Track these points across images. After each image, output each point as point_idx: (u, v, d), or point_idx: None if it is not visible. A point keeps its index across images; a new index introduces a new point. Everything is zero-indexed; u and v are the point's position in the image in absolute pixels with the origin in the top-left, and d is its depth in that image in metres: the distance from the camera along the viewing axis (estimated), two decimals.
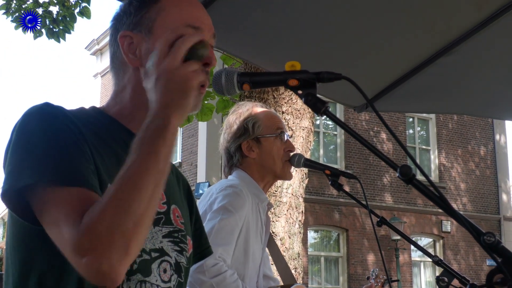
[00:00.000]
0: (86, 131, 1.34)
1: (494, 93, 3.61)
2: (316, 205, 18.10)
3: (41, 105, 1.34)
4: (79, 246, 1.13)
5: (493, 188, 22.08)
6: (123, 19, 1.49)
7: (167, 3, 1.47)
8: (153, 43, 1.42)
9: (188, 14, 1.46)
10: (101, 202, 1.17)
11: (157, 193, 1.20)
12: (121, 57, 1.48)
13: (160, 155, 1.20)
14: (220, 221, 2.37)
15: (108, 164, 1.37)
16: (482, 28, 2.95)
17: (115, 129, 1.47)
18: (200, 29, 1.46)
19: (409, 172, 1.26)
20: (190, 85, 1.25)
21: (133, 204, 1.15)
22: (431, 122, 21.49)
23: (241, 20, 2.89)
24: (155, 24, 1.45)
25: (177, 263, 1.49)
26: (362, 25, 2.99)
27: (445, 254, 20.49)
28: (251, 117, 2.64)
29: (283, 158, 2.64)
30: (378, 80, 3.40)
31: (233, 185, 2.51)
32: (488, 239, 1.20)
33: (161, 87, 1.24)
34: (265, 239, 2.66)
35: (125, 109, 1.49)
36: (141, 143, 1.21)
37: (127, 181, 1.17)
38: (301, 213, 5.67)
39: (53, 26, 9.44)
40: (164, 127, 1.22)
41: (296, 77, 1.37)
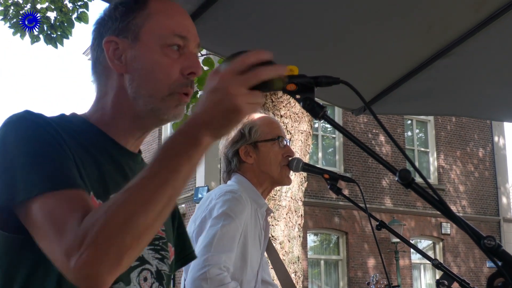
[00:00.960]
0: (67, 139, 1.32)
1: (492, 94, 3.62)
2: (315, 208, 18.10)
3: (21, 113, 1.31)
4: (73, 248, 1.10)
5: (492, 189, 22.09)
6: (108, 24, 1.46)
7: (154, 10, 1.45)
8: (139, 50, 1.41)
9: (176, 22, 1.45)
10: (106, 207, 1.13)
11: (166, 211, 1.17)
12: (105, 62, 1.45)
13: (181, 174, 1.15)
14: (222, 227, 2.35)
15: (89, 172, 1.34)
16: (479, 30, 2.95)
17: (96, 137, 1.44)
18: (187, 39, 1.45)
19: (408, 176, 1.26)
20: (240, 117, 1.17)
21: (139, 218, 1.12)
22: (430, 124, 21.51)
23: (239, 24, 2.89)
24: (142, 31, 1.42)
25: (158, 271, 1.47)
26: (359, 28, 2.99)
27: (445, 256, 20.49)
28: (248, 123, 2.63)
29: (281, 163, 2.63)
30: (376, 82, 3.40)
31: (232, 190, 2.49)
32: (488, 243, 1.19)
33: (211, 103, 1.16)
34: (264, 244, 2.65)
35: (106, 116, 1.46)
36: (165, 155, 1.16)
37: (139, 193, 1.13)
38: (301, 217, 5.67)
39: (51, 32, 9.45)
40: (195, 145, 1.16)
41: (294, 82, 1.36)
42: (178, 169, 1.14)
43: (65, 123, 1.39)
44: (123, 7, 1.46)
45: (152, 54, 1.41)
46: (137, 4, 1.46)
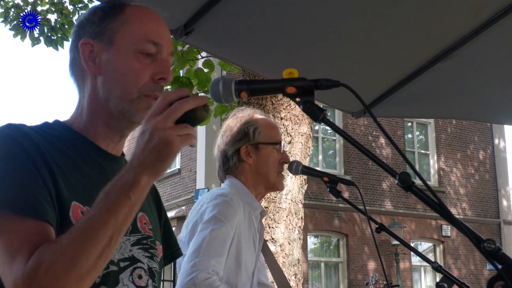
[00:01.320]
0: (48, 149, 1.35)
1: (492, 97, 3.62)
2: (315, 210, 18.09)
3: (2, 128, 1.35)
4: (21, 284, 1.15)
5: (492, 192, 22.07)
6: (86, 27, 1.51)
7: (130, 16, 1.49)
8: (113, 53, 1.46)
9: (150, 29, 1.49)
10: (51, 248, 1.17)
11: (110, 250, 1.21)
12: (80, 64, 1.49)
13: (120, 214, 1.19)
14: (212, 231, 2.33)
15: (72, 180, 1.37)
16: (479, 33, 2.96)
17: (79, 143, 1.47)
18: (161, 45, 1.49)
19: (408, 179, 1.26)
20: (172, 150, 1.21)
21: (81, 259, 1.16)
22: (430, 127, 21.51)
23: (239, 27, 2.90)
24: (116, 35, 1.47)
25: (149, 269, 1.51)
26: (360, 31, 3.00)
27: (445, 258, 20.47)
28: (253, 123, 2.63)
29: (277, 168, 2.64)
30: (376, 85, 3.41)
31: (223, 193, 2.48)
32: (488, 246, 1.19)
33: (142, 144, 1.21)
34: (259, 246, 2.64)
35: (84, 118, 1.50)
36: (105, 197, 1.20)
37: (80, 234, 1.18)
38: (301, 219, 5.67)
39: (51, 34, 9.46)
40: (132, 186, 1.20)
41: (294, 85, 1.36)
42: (117, 210, 1.19)
43: (48, 131, 1.44)
44: (101, 11, 1.51)
45: (125, 58, 1.46)
46: (114, 9, 1.51)
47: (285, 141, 5.66)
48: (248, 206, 2.58)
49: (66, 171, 1.37)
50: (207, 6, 2.64)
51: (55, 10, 9.56)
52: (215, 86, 1.41)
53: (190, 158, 18.41)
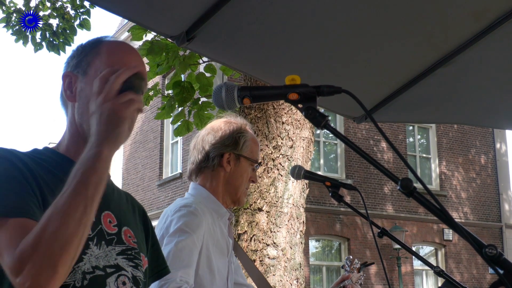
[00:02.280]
0: (37, 169, 1.51)
1: (493, 102, 3.63)
2: (317, 214, 18.08)
3: None
4: (14, 268, 1.29)
5: (494, 196, 22.05)
6: (70, 62, 1.68)
7: (102, 49, 1.65)
8: (85, 82, 1.61)
9: (117, 58, 1.62)
10: (34, 230, 1.30)
11: (86, 217, 1.33)
12: (64, 95, 1.67)
13: (89, 184, 1.34)
14: (177, 243, 2.32)
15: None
16: (480, 38, 2.96)
17: (66, 165, 1.55)
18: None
19: (410, 185, 1.27)
20: (120, 117, 1.39)
21: (60, 229, 1.28)
22: (431, 131, 21.51)
23: (241, 34, 2.90)
24: (89, 67, 1.63)
25: (134, 277, 1.63)
26: (361, 37, 3.01)
27: (447, 262, 20.45)
28: (243, 133, 2.63)
29: (247, 185, 2.67)
30: (378, 90, 3.41)
31: (187, 204, 2.46)
32: (490, 251, 1.20)
33: (95, 121, 1.39)
34: (231, 250, 2.63)
35: (68, 142, 1.65)
36: (74, 173, 1.35)
37: (56, 208, 1.31)
38: (302, 223, 5.67)
39: (53, 39, 9.48)
40: (95, 157, 1.36)
41: (296, 91, 1.38)
42: (86, 181, 1.34)
43: (37, 155, 1.59)
44: (82, 48, 1.69)
45: (92, 85, 1.56)
46: (91, 45, 1.68)
47: (287, 145, 5.67)
48: (215, 213, 2.57)
49: (54, 189, 1.47)
50: (209, 13, 2.66)
51: (57, 15, 9.57)
52: (218, 92, 1.42)
53: None
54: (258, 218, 5.46)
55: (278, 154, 5.63)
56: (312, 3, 2.75)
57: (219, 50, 2.95)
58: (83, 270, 1.50)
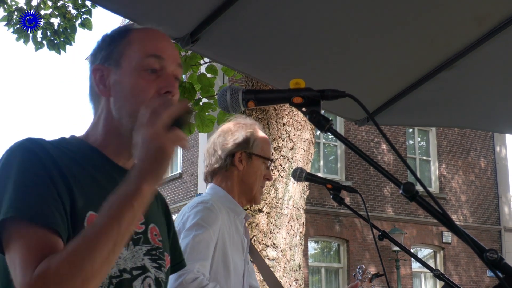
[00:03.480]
0: (65, 162, 1.43)
1: (494, 106, 3.63)
2: (316, 216, 18.08)
3: (22, 141, 1.43)
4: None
5: (493, 199, 22.05)
6: (97, 54, 1.61)
7: (133, 37, 1.59)
8: (119, 75, 1.55)
9: (152, 46, 1.57)
10: (57, 256, 1.23)
11: (113, 255, 1.27)
12: (96, 89, 1.60)
13: (123, 221, 1.26)
14: (194, 237, 2.37)
15: (88, 192, 1.44)
16: (481, 43, 2.98)
17: (95, 157, 1.55)
18: (163, 58, 1.56)
19: (413, 189, 1.28)
20: (166, 155, 1.30)
21: (86, 264, 1.21)
22: (432, 133, 21.51)
23: (245, 36, 2.92)
24: (122, 57, 1.56)
25: (156, 279, 1.57)
26: (364, 40, 3.02)
27: (445, 265, 20.44)
28: (253, 133, 2.69)
29: (261, 183, 2.70)
30: (380, 94, 3.42)
31: (203, 201, 2.53)
32: (490, 256, 1.21)
33: (140, 155, 1.30)
34: (246, 249, 2.67)
35: (100, 137, 1.58)
36: (109, 206, 1.27)
37: (85, 241, 1.24)
38: (302, 225, 5.68)
39: (54, 38, 9.48)
40: (134, 195, 1.27)
41: (301, 95, 1.38)
42: (120, 217, 1.26)
43: (65, 145, 1.52)
44: (109, 38, 1.62)
45: (130, 77, 1.54)
46: (120, 34, 1.61)
47: (287, 147, 5.68)
48: (232, 211, 2.62)
49: (82, 183, 1.43)
50: (214, 15, 2.67)
51: (58, 14, 9.57)
52: (223, 95, 1.43)
53: (191, 163, 18.42)
54: (258, 219, 5.47)
55: (279, 156, 5.64)
56: (315, 6, 2.76)
57: (223, 52, 2.97)
58: (110, 275, 1.44)
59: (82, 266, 1.21)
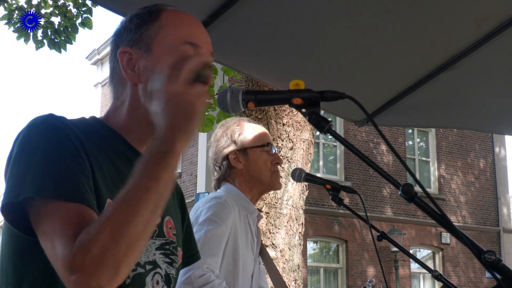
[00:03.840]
0: (88, 143, 1.36)
1: (493, 108, 3.64)
2: (315, 216, 18.08)
3: (45, 116, 1.36)
4: (71, 263, 1.14)
5: (492, 200, 22.06)
6: (123, 35, 1.51)
7: (166, 21, 1.49)
8: (151, 60, 1.45)
9: (187, 32, 1.48)
10: (98, 222, 1.18)
11: (154, 217, 1.22)
12: (121, 72, 1.50)
13: (161, 181, 1.21)
14: (206, 232, 2.39)
15: (107, 175, 1.39)
16: (481, 44, 2.99)
17: (115, 140, 1.48)
18: (198, 46, 1.48)
19: (412, 190, 1.28)
20: (196, 109, 1.25)
21: (129, 228, 1.16)
22: (431, 134, 21.52)
23: (246, 37, 2.92)
24: (154, 42, 1.47)
25: (167, 275, 1.52)
26: (364, 41, 3.03)
27: (444, 266, 20.45)
28: (238, 129, 2.68)
29: (271, 169, 2.68)
30: (379, 95, 3.43)
31: (217, 196, 2.54)
32: (489, 257, 1.22)
33: (167, 112, 1.24)
34: (257, 250, 2.68)
35: (123, 123, 1.50)
36: (144, 167, 1.22)
37: (125, 204, 1.18)
38: (301, 225, 5.68)
39: (55, 37, 9.48)
40: (168, 153, 1.23)
41: (301, 96, 1.39)
42: (158, 176, 1.21)
43: (85, 126, 1.43)
44: (138, 19, 1.51)
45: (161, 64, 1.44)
46: (150, 16, 1.50)
47: (287, 147, 5.68)
48: (244, 209, 2.63)
49: (103, 167, 1.38)
50: (214, 16, 2.67)
51: (58, 13, 9.57)
52: (223, 96, 1.44)
53: (191, 162, 18.43)
54: None
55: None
56: (315, 8, 2.77)
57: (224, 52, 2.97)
58: None
59: (126, 230, 1.16)
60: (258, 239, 2.70)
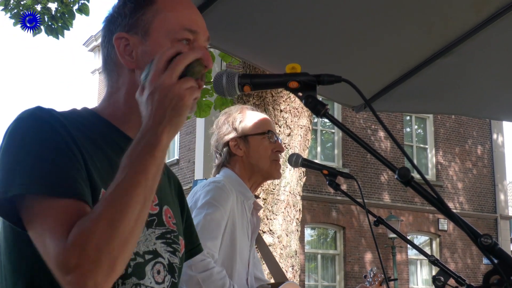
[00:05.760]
0: (78, 135, 1.34)
1: (491, 94, 3.63)
2: (313, 202, 18.13)
3: (32, 109, 1.33)
4: (64, 262, 1.13)
5: (490, 187, 22.12)
6: (118, 21, 1.48)
7: (163, 5, 1.46)
8: (150, 45, 1.43)
9: (185, 17, 1.46)
10: (89, 219, 1.16)
11: (145, 211, 1.21)
12: (116, 59, 1.47)
13: (149, 174, 1.20)
14: (206, 216, 2.40)
15: (100, 168, 1.36)
16: (480, 29, 2.97)
17: (109, 132, 1.46)
18: (197, 32, 1.46)
19: (408, 174, 1.28)
20: (185, 103, 1.23)
21: (121, 224, 1.16)
22: (429, 121, 21.53)
23: (242, 21, 2.90)
24: (151, 27, 1.44)
25: (170, 264, 1.50)
26: (361, 26, 3.01)
27: (441, 252, 20.54)
28: (239, 116, 2.69)
29: (271, 157, 2.67)
30: (377, 80, 3.42)
31: (215, 180, 2.56)
32: (485, 241, 1.21)
33: (155, 103, 1.23)
34: (253, 237, 2.69)
35: (119, 111, 1.48)
36: (130, 160, 1.21)
37: (115, 200, 1.17)
38: (299, 211, 5.69)
39: (52, 23, 9.44)
40: (155, 145, 1.21)
41: (297, 80, 1.37)
42: (146, 170, 1.19)
43: (76, 117, 1.41)
44: (132, 3, 1.48)
45: (161, 49, 1.40)
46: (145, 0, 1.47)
47: (284, 133, 5.68)
48: (241, 195, 2.63)
49: (94, 158, 1.36)
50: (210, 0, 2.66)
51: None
52: (219, 79, 1.42)
53: (188, 149, 18.42)
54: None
55: None
56: None
57: (220, 37, 2.95)
58: None
59: (118, 226, 1.15)
60: (256, 227, 2.70)
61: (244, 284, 2.58)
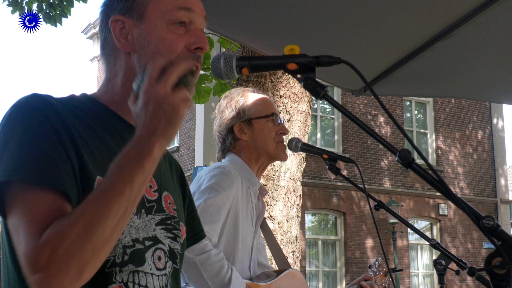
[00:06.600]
0: (74, 122, 1.33)
1: (491, 76, 3.62)
2: (314, 188, 18.15)
3: (27, 97, 1.33)
4: (34, 261, 1.12)
5: (490, 171, 22.14)
6: (114, 4, 1.48)
7: None
8: (145, 28, 1.43)
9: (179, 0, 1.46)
10: (66, 220, 1.15)
11: (124, 221, 1.19)
12: (112, 43, 1.47)
13: (135, 184, 1.18)
14: (206, 200, 2.39)
15: (97, 154, 1.36)
16: (480, 11, 2.95)
17: (107, 117, 1.45)
18: (191, 10, 1.46)
19: (409, 156, 1.26)
20: (178, 114, 1.22)
21: (97, 230, 1.14)
22: (429, 106, 21.51)
23: (240, 4, 2.88)
24: (147, 9, 1.44)
25: (171, 250, 1.49)
26: (361, 8, 2.99)
27: (442, 237, 20.58)
28: (242, 100, 2.66)
29: (276, 139, 2.66)
30: (377, 63, 3.40)
31: (221, 166, 2.54)
32: (487, 222, 1.20)
33: (149, 113, 1.21)
34: (258, 223, 2.68)
35: (117, 96, 1.47)
36: (118, 168, 1.19)
37: (95, 207, 1.16)
38: (299, 197, 5.69)
39: (50, 11, 9.39)
40: (146, 155, 1.20)
41: (295, 61, 1.36)
42: (132, 180, 1.18)
43: (73, 103, 1.41)
44: None
45: (157, 31, 1.43)
46: None
47: (284, 119, 5.66)
48: (247, 181, 2.62)
49: (90, 145, 1.35)
50: None
51: None
52: (217, 62, 1.41)
53: (188, 136, 18.42)
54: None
55: None
56: None
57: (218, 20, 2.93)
58: (124, 244, 1.36)
59: (93, 233, 1.13)
60: (261, 213, 2.69)
61: (246, 270, 2.57)
